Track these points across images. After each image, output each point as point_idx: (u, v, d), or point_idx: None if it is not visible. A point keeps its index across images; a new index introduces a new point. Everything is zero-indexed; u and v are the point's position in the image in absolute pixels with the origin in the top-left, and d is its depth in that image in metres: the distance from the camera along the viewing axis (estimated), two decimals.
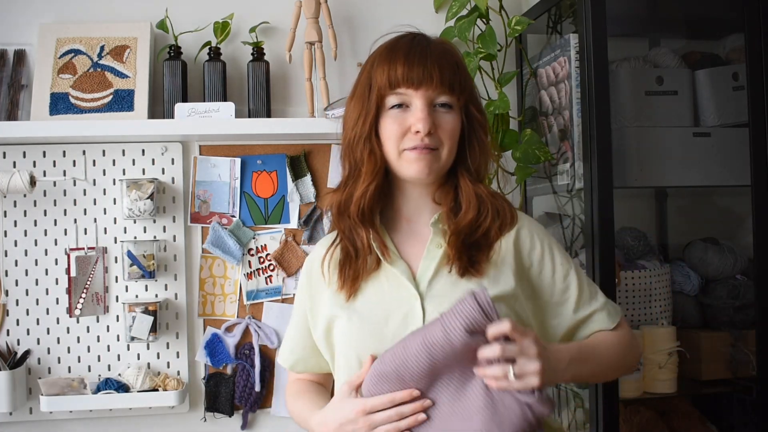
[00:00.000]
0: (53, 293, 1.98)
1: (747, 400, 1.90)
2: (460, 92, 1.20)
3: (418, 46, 1.19)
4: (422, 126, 1.16)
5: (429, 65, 1.17)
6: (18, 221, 1.97)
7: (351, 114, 1.24)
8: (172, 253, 2.02)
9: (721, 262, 1.95)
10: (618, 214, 1.68)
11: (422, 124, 1.16)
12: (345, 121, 1.26)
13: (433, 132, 1.18)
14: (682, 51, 2.06)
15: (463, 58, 1.27)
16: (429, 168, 1.19)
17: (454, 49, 1.24)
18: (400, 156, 1.20)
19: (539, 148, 1.88)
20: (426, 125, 1.16)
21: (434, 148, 1.19)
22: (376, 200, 1.23)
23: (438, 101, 1.19)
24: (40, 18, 2.01)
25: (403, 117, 1.19)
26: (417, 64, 1.17)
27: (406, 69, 1.17)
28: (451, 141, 1.20)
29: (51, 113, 1.93)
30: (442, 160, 1.20)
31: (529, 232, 1.27)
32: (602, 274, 1.65)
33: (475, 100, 1.25)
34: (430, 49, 1.19)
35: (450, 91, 1.19)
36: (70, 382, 1.90)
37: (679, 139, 1.85)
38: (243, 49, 2.07)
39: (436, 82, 1.17)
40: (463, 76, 1.21)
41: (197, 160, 2.05)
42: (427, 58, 1.18)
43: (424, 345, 1.06)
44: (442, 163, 1.21)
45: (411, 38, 1.22)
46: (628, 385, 1.79)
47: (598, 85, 1.67)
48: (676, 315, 1.97)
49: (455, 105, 1.20)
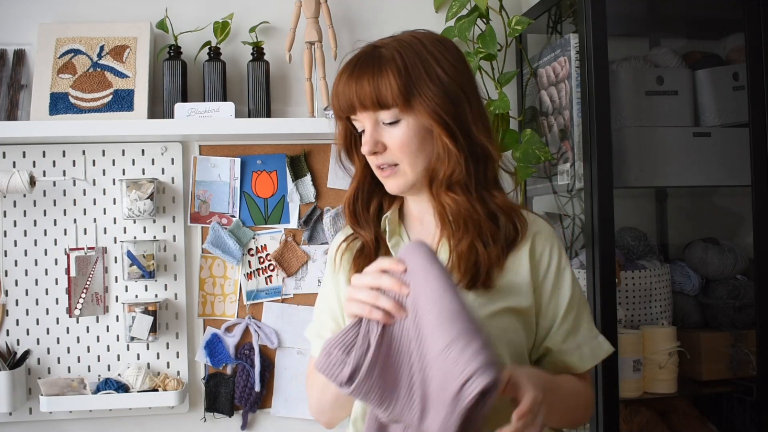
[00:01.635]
0: (53, 293, 1.98)
1: (747, 401, 1.90)
2: (393, 102, 1.11)
3: (351, 69, 1.14)
4: (365, 149, 1.15)
5: (358, 88, 1.12)
6: (18, 221, 1.97)
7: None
8: (171, 253, 2.02)
9: (721, 262, 1.95)
10: (618, 214, 1.68)
11: (365, 147, 1.15)
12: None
13: (381, 151, 1.14)
14: (682, 51, 2.05)
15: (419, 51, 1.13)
16: (396, 185, 1.17)
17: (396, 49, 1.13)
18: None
19: (539, 148, 1.88)
20: (368, 147, 1.14)
21: (394, 164, 1.15)
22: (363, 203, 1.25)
23: (382, 119, 1.13)
24: (40, 18, 2.01)
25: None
26: (345, 91, 1.14)
27: (340, 98, 1.15)
28: (406, 154, 1.14)
29: (51, 113, 1.93)
30: (407, 174, 1.15)
31: (544, 244, 1.20)
32: (602, 274, 1.65)
33: (428, 99, 1.11)
34: (361, 68, 1.13)
35: (379, 106, 1.12)
36: (70, 382, 1.90)
37: (679, 139, 1.84)
38: (243, 49, 2.07)
39: (367, 103, 1.12)
40: (394, 81, 1.10)
41: (197, 160, 2.05)
42: (352, 81, 1.13)
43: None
44: (410, 178, 1.16)
45: (350, 61, 1.16)
46: (629, 385, 1.79)
47: (599, 85, 1.67)
48: (677, 315, 1.97)
49: (403, 116, 1.12)
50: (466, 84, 1.16)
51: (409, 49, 1.13)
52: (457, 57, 1.17)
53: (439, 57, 1.14)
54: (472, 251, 1.13)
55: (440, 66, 1.13)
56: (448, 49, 1.16)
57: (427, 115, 1.11)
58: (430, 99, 1.11)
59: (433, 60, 1.13)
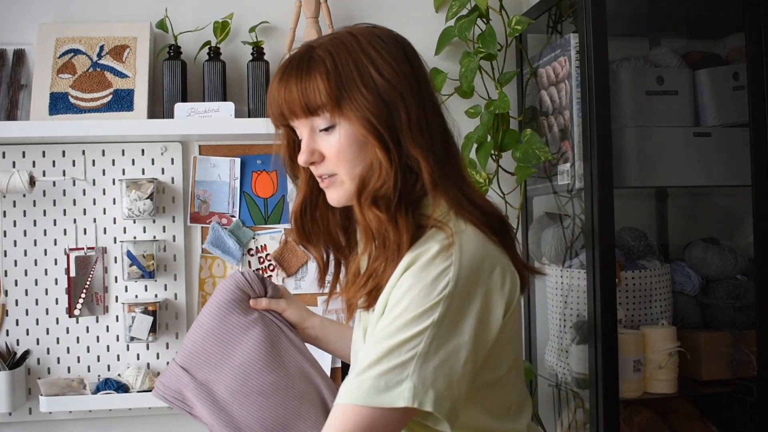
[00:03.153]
0: (53, 293, 1.98)
1: (747, 401, 1.89)
2: (322, 106, 1.02)
3: (280, 74, 1.06)
4: (301, 160, 1.07)
5: (287, 95, 1.04)
6: (17, 221, 1.97)
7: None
8: (171, 253, 2.02)
9: (721, 262, 1.95)
10: (618, 214, 1.68)
11: (301, 157, 1.07)
12: None
13: (318, 161, 1.07)
14: (682, 51, 2.05)
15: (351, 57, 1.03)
16: (336, 197, 1.09)
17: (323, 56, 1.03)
18: None
19: (539, 148, 1.88)
20: (304, 157, 1.07)
21: (332, 174, 1.07)
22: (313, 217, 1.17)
23: (317, 126, 1.05)
24: (40, 18, 2.01)
25: None
26: (277, 98, 1.05)
27: (270, 106, 1.08)
28: (343, 163, 1.04)
29: (50, 113, 1.93)
30: (345, 184, 1.06)
31: (404, 281, 0.98)
32: (602, 274, 1.65)
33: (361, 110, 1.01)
34: (290, 72, 1.04)
35: (316, 112, 1.03)
36: (70, 382, 1.90)
37: (679, 139, 1.84)
38: (243, 49, 2.07)
39: (297, 110, 1.04)
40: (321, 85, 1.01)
41: (197, 160, 2.05)
42: (283, 86, 1.05)
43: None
44: (348, 188, 1.06)
45: (282, 64, 1.07)
46: (629, 385, 1.79)
47: (599, 85, 1.67)
48: (677, 315, 1.97)
49: (337, 122, 1.03)
50: (407, 87, 1.03)
51: (342, 47, 1.03)
52: (398, 56, 1.05)
53: (375, 56, 1.03)
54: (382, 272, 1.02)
55: (375, 67, 1.02)
56: (389, 47, 1.05)
57: (357, 123, 1.01)
58: (361, 105, 1.01)
59: (368, 60, 1.02)
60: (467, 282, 0.97)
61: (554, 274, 1.98)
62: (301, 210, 1.16)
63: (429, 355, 0.93)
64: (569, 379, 1.90)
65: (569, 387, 1.93)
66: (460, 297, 0.96)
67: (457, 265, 0.97)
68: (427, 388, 0.91)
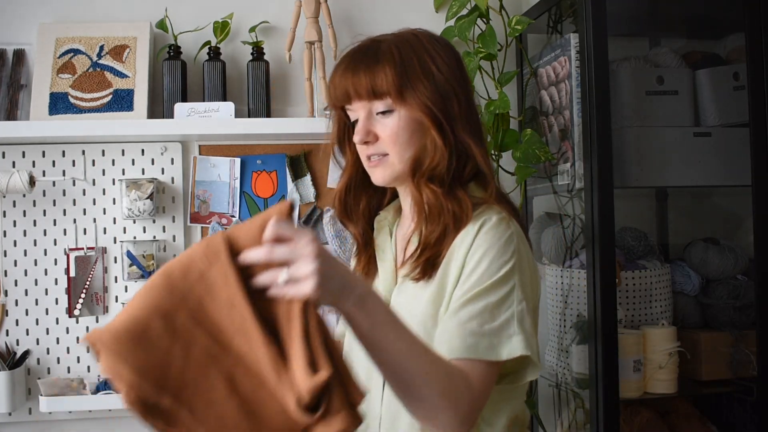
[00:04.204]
0: (52, 293, 1.98)
1: (747, 401, 1.89)
2: (387, 91, 1.15)
3: (348, 60, 1.19)
4: (356, 138, 1.18)
5: (353, 78, 1.16)
6: (17, 221, 1.97)
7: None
8: (171, 253, 2.02)
9: (721, 262, 1.95)
10: (618, 214, 1.68)
11: (357, 136, 1.18)
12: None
13: (373, 141, 1.18)
14: (682, 51, 2.05)
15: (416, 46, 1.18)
16: (382, 176, 1.20)
17: (395, 42, 1.18)
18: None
19: (539, 148, 1.88)
20: (360, 136, 1.18)
21: (383, 155, 1.18)
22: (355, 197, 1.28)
23: (374, 109, 1.18)
24: (40, 17, 2.01)
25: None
26: (341, 81, 1.18)
27: (335, 88, 1.19)
28: (396, 145, 1.17)
29: (50, 113, 1.93)
30: (395, 165, 1.18)
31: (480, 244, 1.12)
32: (602, 274, 1.65)
33: (420, 92, 1.15)
34: (358, 59, 1.17)
35: (374, 96, 1.16)
36: (70, 382, 1.90)
37: (679, 139, 1.84)
38: (243, 49, 2.07)
39: (362, 93, 1.16)
40: (390, 71, 1.14)
41: (197, 160, 2.05)
42: (348, 72, 1.17)
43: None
44: (397, 169, 1.18)
45: (348, 53, 1.20)
46: (629, 385, 1.79)
47: (599, 85, 1.67)
48: (677, 315, 1.97)
49: (396, 107, 1.16)
50: (459, 83, 1.19)
51: (407, 44, 1.17)
52: (451, 57, 1.21)
53: (434, 55, 1.18)
54: (437, 244, 1.15)
55: (435, 63, 1.17)
56: (444, 49, 1.21)
57: (418, 108, 1.15)
58: (422, 93, 1.15)
59: (429, 57, 1.17)
60: (524, 250, 1.15)
61: (554, 274, 1.98)
62: (346, 189, 1.28)
63: (522, 312, 1.09)
64: (569, 379, 1.90)
65: (569, 387, 1.93)
66: (521, 262, 1.12)
67: (516, 233, 1.14)
68: (529, 338, 1.08)
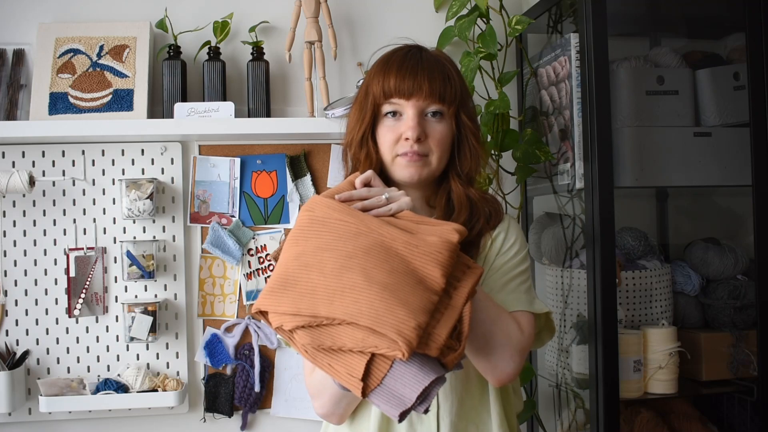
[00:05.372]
0: (52, 293, 1.98)
1: (748, 401, 1.89)
2: (451, 101, 1.27)
3: (410, 59, 1.28)
4: (411, 134, 1.25)
5: (419, 77, 1.25)
6: (17, 221, 1.97)
7: (352, 118, 1.34)
8: (171, 253, 2.02)
9: (721, 262, 1.95)
10: (618, 214, 1.68)
11: (412, 131, 1.25)
12: (347, 124, 1.36)
13: (423, 139, 1.26)
14: (682, 50, 2.05)
15: (458, 69, 1.33)
16: (419, 173, 1.28)
17: (447, 60, 1.31)
18: (394, 161, 1.29)
19: (539, 148, 1.88)
20: (415, 133, 1.25)
21: (424, 155, 1.27)
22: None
23: (428, 110, 1.27)
24: (40, 17, 2.01)
25: (396, 125, 1.28)
26: (408, 76, 1.25)
27: (398, 80, 1.25)
28: (441, 148, 1.28)
29: (50, 113, 1.93)
30: (432, 165, 1.29)
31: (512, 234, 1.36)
32: (603, 274, 1.65)
33: (468, 108, 1.32)
34: (422, 61, 1.27)
35: (440, 100, 1.26)
36: (69, 382, 1.90)
37: (679, 138, 1.84)
38: (243, 49, 2.07)
39: (426, 92, 1.25)
40: (455, 85, 1.28)
41: (197, 160, 2.05)
42: (417, 70, 1.26)
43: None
44: (432, 169, 1.29)
45: (406, 51, 1.30)
46: (629, 385, 1.79)
47: (599, 85, 1.67)
48: (677, 315, 1.97)
49: (446, 113, 1.28)
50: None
51: (453, 64, 1.33)
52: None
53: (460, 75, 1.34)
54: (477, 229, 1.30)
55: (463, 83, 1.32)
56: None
57: (466, 121, 1.30)
58: (471, 110, 1.33)
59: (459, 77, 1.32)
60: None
61: (554, 274, 1.98)
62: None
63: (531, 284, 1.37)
64: (569, 379, 1.90)
65: (569, 387, 1.93)
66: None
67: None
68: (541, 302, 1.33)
